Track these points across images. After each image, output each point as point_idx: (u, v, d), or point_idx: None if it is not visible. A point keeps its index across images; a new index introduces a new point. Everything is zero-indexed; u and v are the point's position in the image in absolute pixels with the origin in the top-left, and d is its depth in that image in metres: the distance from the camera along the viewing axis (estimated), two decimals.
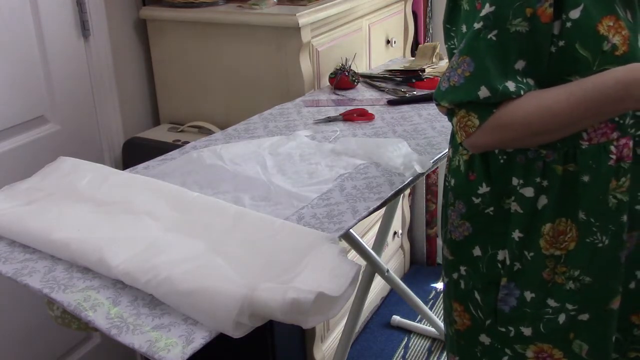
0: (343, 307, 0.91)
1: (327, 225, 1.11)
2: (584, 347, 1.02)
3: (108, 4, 1.87)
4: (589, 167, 0.95)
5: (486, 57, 0.91)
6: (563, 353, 1.03)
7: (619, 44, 0.89)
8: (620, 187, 0.96)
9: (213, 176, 1.29)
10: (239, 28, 1.85)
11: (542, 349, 1.03)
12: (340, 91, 1.84)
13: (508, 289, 1.03)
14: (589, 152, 0.95)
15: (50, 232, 1.05)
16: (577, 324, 1.01)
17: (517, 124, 0.92)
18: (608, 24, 0.89)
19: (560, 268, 1.00)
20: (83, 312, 0.90)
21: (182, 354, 0.82)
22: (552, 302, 1.01)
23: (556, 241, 0.99)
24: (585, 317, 1.01)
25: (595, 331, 1.01)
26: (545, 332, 1.02)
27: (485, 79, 0.91)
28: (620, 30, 0.89)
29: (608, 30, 0.89)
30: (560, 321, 1.01)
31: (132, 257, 0.97)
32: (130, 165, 1.36)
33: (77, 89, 1.84)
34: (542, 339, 1.02)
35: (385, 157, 1.34)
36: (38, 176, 1.27)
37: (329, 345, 2.17)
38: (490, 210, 1.03)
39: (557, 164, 0.96)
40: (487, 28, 0.90)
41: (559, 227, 0.98)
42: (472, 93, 0.91)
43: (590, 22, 0.89)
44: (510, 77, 0.91)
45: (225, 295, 0.86)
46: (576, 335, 1.02)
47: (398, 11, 2.32)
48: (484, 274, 1.06)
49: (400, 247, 2.67)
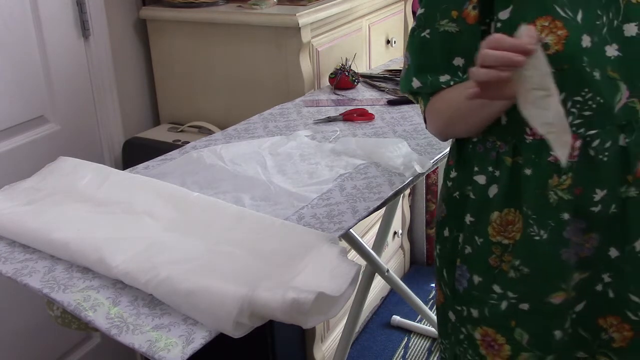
0: (343, 307, 0.91)
1: (327, 225, 1.11)
2: (524, 336, 1.04)
3: (108, 4, 1.87)
4: (532, 161, 0.98)
5: (418, 52, 1.02)
6: (506, 339, 1.06)
7: (552, 43, 0.91)
8: (561, 184, 0.97)
9: (213, 176, 1.29)
10: (239, 28, 1.85)
11: (487, 333, 1.07)
12: (340, 91, 1.84)
13: (461, 270, 1.09)
14: (532, 147, 0.97)
15: (50, 232, 1.05)
16: (518, 312, 1.04)
17: (439, 112, 1.03)
18: (542, 24, 0.91)
19: (507, 257, 1.03)
20: (83, 312, 0.90)
21: (182, 354, 0.82)
22: (497, 289, 1.04)
23: (504, 230, 1.02)
24: (525, 307, 1.03)
25: (535, 322, 1.04)
26: (489, 316, 1.06)
27: (417, 72, 1.03)
28: (556, 30, 0.91)
29: (541, 30, 0.91)
30: (503, 307, 1.04)
31: (132, 257, 0.97)
32: (130, 165, 1.36)
33: (77, 89, 1.84)
34: (487, 322, 1.07)
35: (385, 157, 1.34)
36: (38, 176, 1.27)
37: (329, 345, 2.17)
38: (457, 194, 1.09)
39: (507, 155, 1.00)
40: (420, 27, 1.01)
41: (508, 217, 1.02)
42: (409, 84, 1.04)
43: (518, 22, 0.91)
44: (449, 71, 1.00)
45: (225, 295, 0.86)
46: (517, 324, 1.04)
47: (398, 11, 2.32)
48: (449, 253, 1.12)
49: (400, 247, 2.67)
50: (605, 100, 0.93)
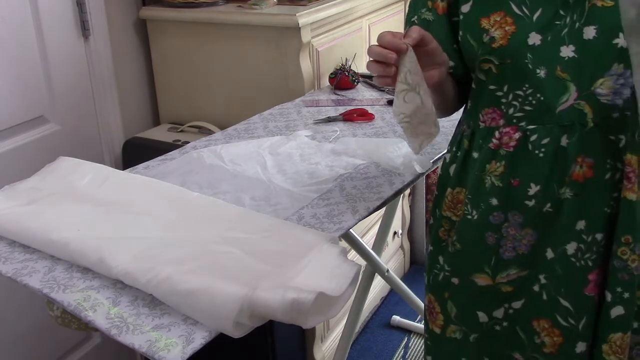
0: (343, 307, 0.91)
1: (327, 225, 1.11)
2: (453, 309, 1.11)
3: (108, 4, 1.87)
4: (479, 146, 1.04)
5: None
6: (440, 309, 1.13)
7: (497, 37, 0.96)
8: (495, 170, 1.01)
9: (213, 176, 1.29)
10: (239, 28, 1.85)
11: (430, 300, 1.15)
12: (340, 91, 1.84)
13: (427, 239, 1.19)
14: (481, 133, 1.04)
15: (50, 232, 1.04)
16: (450, 285, 1.10)
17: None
18: (495, 19, 0.97)
19: (452, 232, 1.09)
20: (83, 312, 0.90)
21: (182, 354, 0.82)
22: (441, 260, 1.12)
23: (454, 207, 1.08)
24: (455, 281, 1.09)
25: (462, 297, 1.10)
26: (432, 284, 1.14)
27: None
28: (505, 25, 0.96)
29: (492, 25, 0.97)
30: (440, 278, 1.12)
31: (132, 257, 0.97)
32: (130, 165, 1.36)
33: (77, 89, 1.84)
34: (431, 290, 1.15)
35: (385, 157, 1.34)
36: (38, 176, 1.27)
37: (329, 345, 2.17)
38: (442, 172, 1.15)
39: (466, 138, 1.07)
40: (410, 13, 1.11)
41: (459, 196, 1.07)
42: None
43: (476, 16, 0.99)
44: None
45: (225, 295, 0.86)
46: (449, 296, 1.11)
47: (398, 11, 2.32)
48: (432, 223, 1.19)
49: (400, 247, 2.67)
50: (547, 98, 0.95)
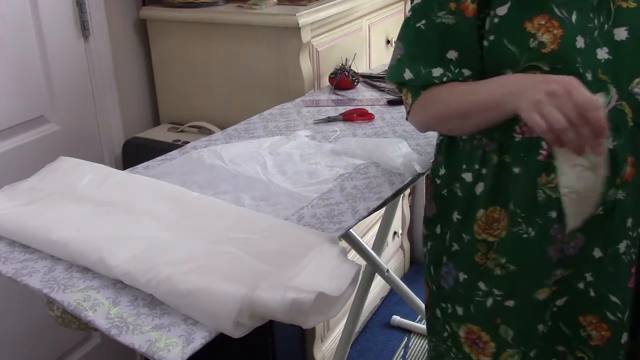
0: (343, 307, 0.91)
1: (327, 225, 1.11)
2: (509, 332, 1.06)
3: (108, 4, 1.87)
4: (520, 160, 0.99)
5: (412, 43, 1.01)
6: (490, 337, 1.07)
7: (547, 42, 0.91)
8: (550, 182, 0.97)
9: (213, 176, 1.29)
10: (239, 28, 1.85)
11: (472, 330, 1.08)
12: (340, 91, 1.84)
13: (447, 268, 1.10)
14: (521, 145, 0.98)
15: (50, 232, 1.04)
16: (503, 309, 1.05)
17: (433, 107, 1.01)
18: (539, 22, 0.91)
19: (492, 254, 1.04)
20: (83, 312, 0.90)
21: (182, 354, 0.82)
22: (482, 286, 1.05)
23: (489, 227, 1.03)
24: (511, 303, 1.04)
25: (520, 319, 1.05)
26: (474, 313, 1.07)
27: (410, 63, 1.01)
28: (552, 29, 0.91)
29: (538, 29, 0.91)
30: (488, 305, 1.05)
31: (132, 257, 0.97)
32: (130, 165, 1.36)
33: (77, 89, 1.84)
34: (472, 320, 1.08)
35: (385, 157, 1.34)
36: (38, 176, 1.27)
37: (329, 345, 2.17)
38: (445, 192, 1.10)
39: (494, 153, 1.01)
40: (415, 17, 1.00)
41: (493, 215, 1.02)
42: (400, 75, 1.02)
43: (518, 19, 0.92)
44: (443, 64, 0.99)
45: (225, 295, 0.86)
46: (502, 321, 1.06)
47: (398, 11, 2.32)
48: (437, 251, 1.13)
49: (400, 247, 2.67)
50: None
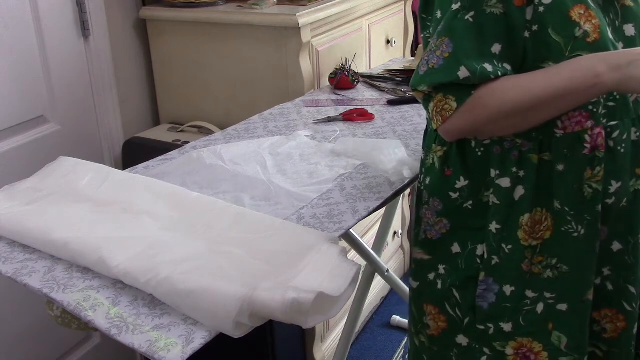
0: (343, 307, 0.91)
1: (327, 225, 1.11)
2: (562, 339, 1.01)
3: (108, 4, 1.87)
4: (564, 156, 0.95)
5: (464, 37, 0.91)
6: (542, 346, 1.02)
7: (590, 31, 0.90)
8: (596, 176, 0.96)
9: (213, 176, 1.29)
10: (239, 28, 1.85)
11: (522, 344, 1.03)
12: (340, 91, 1.84)
13: (486, 284, 1.03)
14: (564, 141, 0.95)
15: (50, 232, 1.04)
16: (556, 313, 1.01)
17: (494, 104, 0.91)
18: (579, 12, 0.90)
19: (537, 258, 1.00)
20: (83, 312, 0.90)
21: (182, 354, 0.82)
22: (530, 293, 1.01)
23: (533, 231, 0.99)
24: (564, 307, 1.00)
25: (573, 322, 1.01)
26: (524, 324, 1.02)
27: (465, 59, 0.91)
28: (591, 18, 0.90)
29: (580, 18, 0.90)
30: (539, 311, 1.01)
31: (132, 257, 0.97)
32: (130, 165, 1.36)
33: (77, 89, 1.84)
34: (522, 332, 1.02)
35: (377, 160, 1.33)
36: (38, 176, 1.27)
37: (329, 345, 2.17)
38: (469, 204, 1.03)
39: (533, 153, 0.96)
40: (464, 9, 0.91)
41: (536, 217, 0.98)
42: (453, 74, 0.91)
43: (562, 8, 0.90)
44: (487, 59, 0.91)
45: (225, 295, 0.86)
46: (555, 327, 1.01)
47: (398, 11, 2.32)
48: (463, 270, 1.05)
49: (400, 247, 2.67)
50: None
